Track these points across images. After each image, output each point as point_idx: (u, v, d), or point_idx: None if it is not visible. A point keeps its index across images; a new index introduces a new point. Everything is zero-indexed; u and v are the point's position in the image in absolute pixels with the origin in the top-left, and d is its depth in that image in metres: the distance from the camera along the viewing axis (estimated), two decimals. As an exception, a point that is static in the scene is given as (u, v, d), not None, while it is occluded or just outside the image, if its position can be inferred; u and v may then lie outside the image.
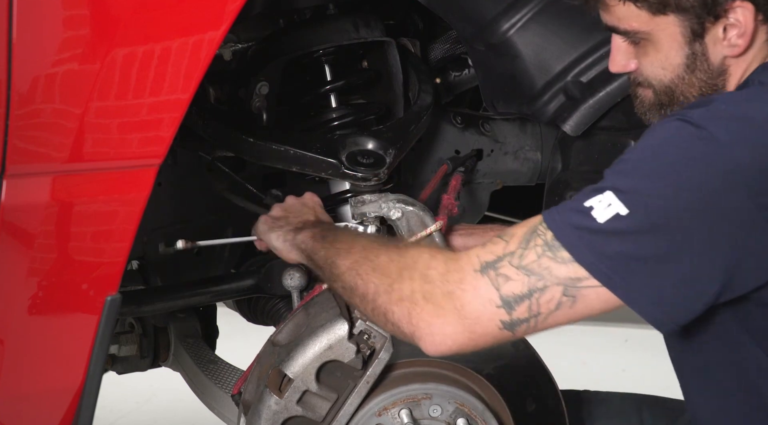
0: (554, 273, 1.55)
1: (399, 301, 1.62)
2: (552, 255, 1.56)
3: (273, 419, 1.78)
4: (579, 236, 1.55)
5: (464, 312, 1.58)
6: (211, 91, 2.20)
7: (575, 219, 1.56)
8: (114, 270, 1.68)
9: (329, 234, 1.83)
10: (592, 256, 1.54)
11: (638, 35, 1.72)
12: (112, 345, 2.47)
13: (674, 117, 1.60)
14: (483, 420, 1.82)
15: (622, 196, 1.54)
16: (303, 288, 2.14)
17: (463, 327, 1.58)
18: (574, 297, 1.56)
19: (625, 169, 1.59)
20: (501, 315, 1.57)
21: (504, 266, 1.58)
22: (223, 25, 1.64)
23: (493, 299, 1.57)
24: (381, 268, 1.66)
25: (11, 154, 1.56)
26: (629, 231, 1.53)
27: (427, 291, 1.60)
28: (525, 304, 1.56)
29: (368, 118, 2.26)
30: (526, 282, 1.56)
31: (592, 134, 2.31)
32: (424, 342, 1.60)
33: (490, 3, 2.13)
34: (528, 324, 1.58)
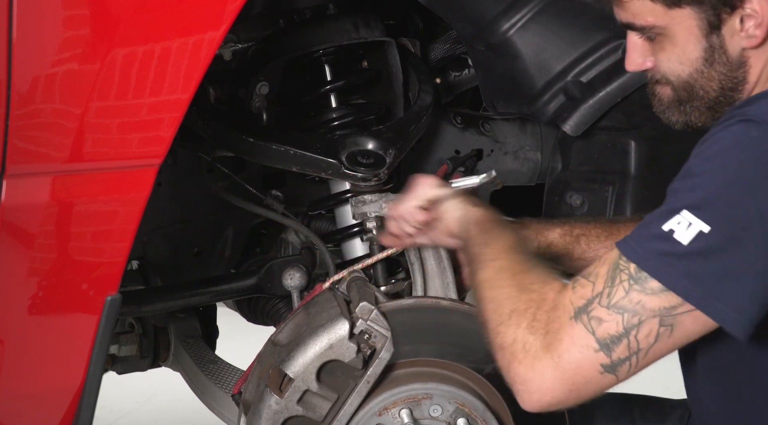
0: (647, 306, 1.53)
1: (501, 349, 1.60)
2: (640, 288, 1.53)
3: (273, 419, 1.78)
4: (666, 263, 1.52)
5: (562, 363, 1.55)
6: (211, 91, 2.21)
7: (658, 246, 1.53)
8: (114, 270, 1.68)
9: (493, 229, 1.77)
10: (686, 281, 1.51)
11: (654, 30, 1.69)
12: (112, 345, 2.47)
13: (734, 119, 1.57)
14: (483, 420, 1.82)
15: (700, 213, 1.51)
16: (303, 288, 2.14)
17: (562, 380, 1.55)
18: (671, 325, 1.53)
19: (696, 183, 1.55)
20: (600, 358, 1.54)
21: (595, 309, 1.55)
22: (223, 25, 1.64)
23: (589, 344, 1.54)
24: (497, 302, 1.64)
25: (11, 154, 1.56)
26: (715, 248, 1.50)
27: (528, 342, 1.57)
28: (623, 343, 1.54)
29: (368, 118, 2.26)
30: (621, 321, 1.53)
31: (592, 134, 2.31)
32: (521, 398, 1.58)
33: (490, 3, 2.13)
34: (630, 363, 1.55)
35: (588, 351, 1.54)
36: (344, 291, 1.93)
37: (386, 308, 1.82)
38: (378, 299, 1.86)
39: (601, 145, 2.35)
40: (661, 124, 1.78)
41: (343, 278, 1.97)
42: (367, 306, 1.78)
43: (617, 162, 2.34)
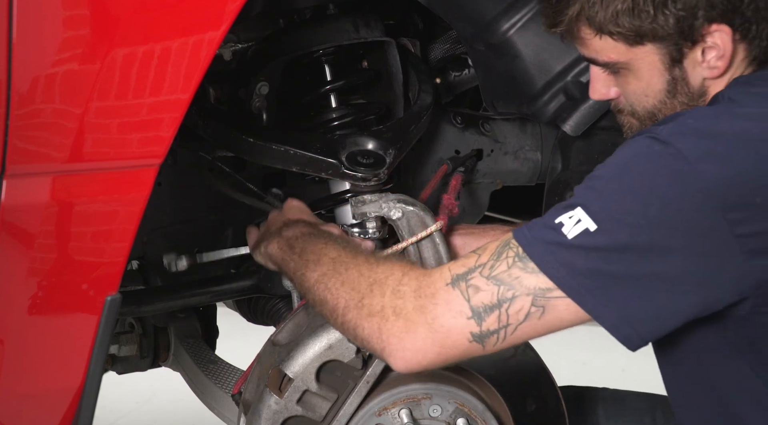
0: (524, 283, 1.57)
1: (369, 317, 1.62)
2: (522, 266, 1.57)
3: (273, 419, 1.78)
4: (549, 251, 1.56)
5: (435, 326, 1.58)
6: (211, 91, 2.20)
7: (546, 235, 1.58)
8: (114, 270, 1.68)
9: (297, 244, 1.82)
10: (562, 270, 1.55)
11: (617, 65, 1.73)
12: (112, 345, 2.47)
13: (643, 134, 1.61)
14: (483, 420, 1.82)
15: (591, 213, 1.55)
16: (303, 289, 2.14)
17: (433, 341, 1.59)
18: (543, 307, 1.57)
19: (595, 185, 1.60)
20: (471, 326, 1.58)
21: (475, 277, 1.59)
22: (223, 25, 1.63)
23: (463, 311, 1.58)
24: (351, 282, 1.67)
25: (11, 154, 1.55)
26: (598, 247, 1.54)
27: (398, 306, 1.60)
28: (494, 315, 1.57)
29: (368, 118, 2.26)
30: (496, 292, 1.57)
31: (592, 134, 2.31)
32: (395, 358, 1.61)
33: (490, 3, 2.13)
34: (497, 336, 1.58)
35: (461, 317, 1.58)
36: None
37: (386, 308, 1.82)
38: (378, 299, 1.86)
39: (601, 145, 2.35)
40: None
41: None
42: (367, 306, 1.78)
43: (617, 162, 2.34)
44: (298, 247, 1.82)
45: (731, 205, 1.52)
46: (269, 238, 1.91)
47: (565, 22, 1.75)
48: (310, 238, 1.83)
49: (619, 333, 1.56)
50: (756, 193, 1.53)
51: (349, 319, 1.66)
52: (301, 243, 1.82)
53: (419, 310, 1.59)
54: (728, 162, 1.54)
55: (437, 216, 2.05)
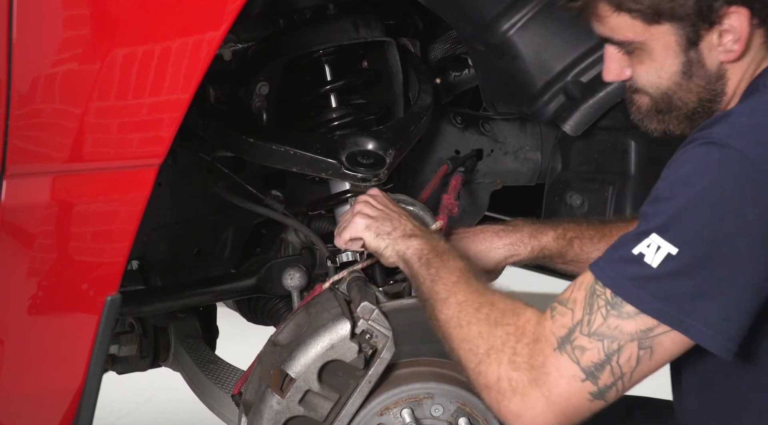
0: (624, 330, 1.55)
1: (486, 389, 1.61)
2: (617, 313, 1.55)
3: (275, 419, 1.78)
4: (639, 286, 1.54)
5: (552, 397, 1.57)
6: (211, 91, 2.20)
7: (630, 270, 1.55)
8: (114, 270, 1.68)
9: (434, 262, 1.78)
10: (658, 303, 1.53)
11: (633, 45, 1.71)
12: (112, 345, 2.47)
13: (696, 142, 1.58)
14: (484, 420, 1.82)
15: (667, 236, 1.53)
16: (303, 288, 2.14)
17: (555, 413, 1.57)
18: (650, 348, 1.55)
19: (663, 208, 1.56)
20: (588, 387, 1.57)
21: (577, 337, 1.57)
22: (223, 25, 1.63)
23: (576, 375, 1.56)
24: (470, 342, 1.65)
25: (11, 154, 1.55)
26: (685, 269, 1.52)
27: (513, 380, 1.59)
28: (607, 370, 1.56)
29: (368, 118, 2.26)
30: (602, 348, 1.56)
31: (592, 134, 2.31)
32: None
33: (490, 3, 2.13)
34: (616, 387, 1.57)
35: (575, 381, 1.57)
36: (344, 291, 1.93)
37: (387, 308, 1.82)
38: (379, 299, 1.86)
39: (601, 145, 2.35)
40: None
41: (343, 278, 1.97)
42: (369, 306, 1.78)
43: (617, 162, 2.35)
44: (434, 269, 1.77)
45: None
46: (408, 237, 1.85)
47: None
48: (445, 262, 1.78)
49: (719, 348, 1.54)
50: None
51: (471, 381, 1.65)
52: (437, 264, 1.78)
53: (534, 384, 1.58)
54: None
55: (437, 216, 2.05)
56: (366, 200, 1.94)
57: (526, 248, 2.08)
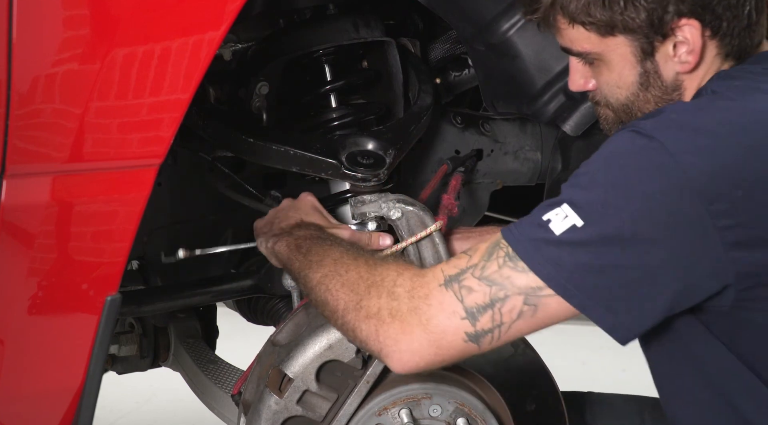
0: (515, 282, 1.59)
1: (366, 319, 1.64)
2: (513, 265, 1.59)
3: (273, 419, 1.78)
4: (536, 248, 1.58)
5: (430, 327, 1.60)
6: (211, 91, 2.20)
7: (533, 232, 1.59)
8: (114, 270, 1.68)
9: (304, 244, 1.84)
10: (549, 267, 1.57)
11: (590, 56, 1.76)
12: (112, 345, 2.47)
13: (627, 128, 1.63)
14: (483, 420, 1.82)
15: (577, 209, 1.57)
16: (303, 289, 2.14)
17: (429, 342, 1.61)
18: (535, 306, 1.59)
19: (580, 181, 1.61)
20: (466, 326, 1.60)
21: (467, 278, 1.61)
22: (223, 25, 1.63)
23: (457, 311, 1.60)
24: (350, 284, 1.69)
25: (11, 154, 1.55)
26: (585, 242, 1.56)
27: (393, 308, 1.62)
28: (488, 314, 1.59)
29: (368, 118, 2.26)
30: (489, 293, 1.59)
31: (592, 134, 2.31)
32: (392, 359, 1.63)
33: (490, 3, 2.13)
34: (492, 335, 1.60)
35: (455, 318, 1.60)
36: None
37: (386, 308, 1.82)
38: (378, 299, 1.86)
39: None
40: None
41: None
42: (367, 306, 1.78)
43: (617, 162, 2.34)
44: (305, 247, 1.83)
45: (714, 197, 1.54)
46: (280, 236, 1.92)
47: (540, 9, 1.78)
48: (317, 240, 1.85)
49: (608, 326, 1.58)
50: (738, 186, 1.55)
51: (348, 321, 1.67)
52: (308, 243, 1.84)
53: (413, 312, 1.61)
54: (711, 154, 1.56)
55: (437, 216, 2.05)
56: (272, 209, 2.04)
57: None
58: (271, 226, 1.98)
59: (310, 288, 1.76)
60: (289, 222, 1.96)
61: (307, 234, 1.88)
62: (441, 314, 1.60)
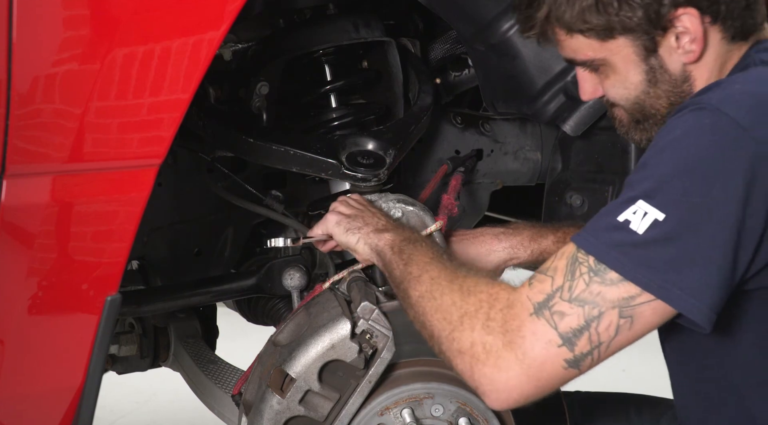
0: (606, 297, 1.53)
1: (460, 354, 1.59)
2: (600, 280, 1.53)
3: (275, 419, 1.78)
4: (623, 253, 1.52)
5: (527, 361, 1.54)
6: (211, 91, 2.20)
7: (614, 237, 1.53)
8: (114, 270, 1.68)
9: (406, 249, 1.78)
10: (643, 270, 1.51)
11: (595, 62, 1.74)
12: (112, 345, 2.47)
13: (687, 108, 1.58)
14: (485, 419, 1.82)
15: (654, 202, 1.51)
16: (303, 288, 2.14)
17: (528, 377, 1.55)
18: (630, 317, 1.53)
19: (651, 174, 1.55)
20: (564, 354, 1.54)
21: (557, 303, 1.55)
22: (223, 25, 1.64)
23: (553, 340, 1.54)
24: (443, 311, 1.63)
25: (11, 154, 1.55)
26: (671, 235, 1.50)
27: (488, 344, 1.56)
28: (585, 337, 1.53)
29: (368, 119, 2.26)
30: (582, 314, 1.53)
31: (592, 134, 2.31)
32: (489, 398, 1.57)
33: (490, 3, 2.13)
34: (592, 356, 1.55)
35: (551, 346, 1.54)
36: (344, 291, 1.93)
37: (387, 308, 1.82)
38: (379, 299, 1.86)
39: (601, 145, 2.35)
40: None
41: (343, 278, 1.97)
42: (369, 306, 1.78)
43: (617, 162, 2.34)
44: (406, 254, 1.78)
45: None
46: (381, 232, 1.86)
47: (537, 25, 1.76)
48: (418, 248, 1.79)
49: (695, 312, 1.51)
50: None
51: (443, 351, 1.63)
52: (410, 250, 1.78)
53: (508, 347, 1.55)
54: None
55: (437, 216, 2.05)
56: (343, 200, 1.97)
57: (525, 251, 2.08)
58: (363, 221, 1.91)
59: (409, 305, 1.71)
60: (383, 220, 1.90)
61: (408, 237, 1.83)
62: (536, 345, 1.54)
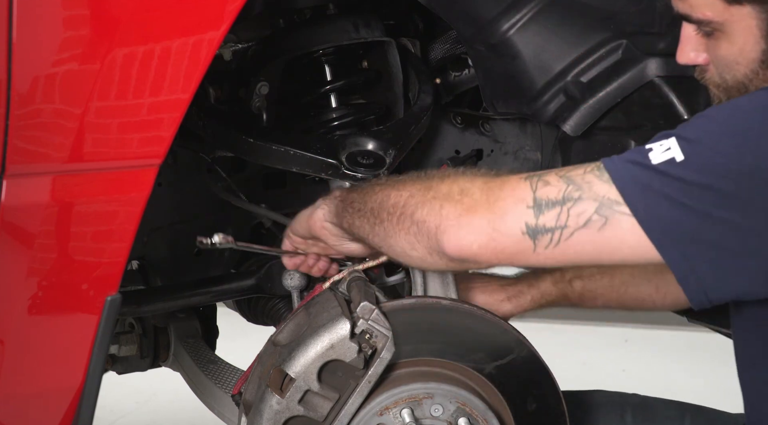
0: (594, 188, 1.50)
1: (433, 198, 1.57)
2: (598, 174, 1.52)
3: (275, 419, 1.78)
4: (627, 167, 1.50)
5: (495, 207, 1.53)
6: (211, 91, 2.20)
7: (630, 155, 1.52)
8: (114, 270, 1.68)
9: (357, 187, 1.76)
10: (635, 187, 1.48)
11: (711, 25, 1.63)
12: (112, 345, 2.47)
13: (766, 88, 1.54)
14: (484, 420, 1.82)
15: (683, 144, 1.48)
16: (303, 288, 2.14)
17: (488, 223, 1.53)
18: (606, 218, 1.49)
19: (699, 121, 1.52)
20: (528, 216, 1.52)
21: (549, 175, 1.54)
22: (223, 25, 1.64)
23: (526, 199, 1.53)
24: (424, 179, 1.62)
25: (11, 154, 1.56)
26: (681, 178, 1.46)
27: (466, 189, 1.55)
28: (555, 211, 1.51)
29: (368, 119, 2.26)
30: (563, 190, 1.51)
31: (592, 134, 2.31)
32: (447, 234, 1.54)
33: (490, 3, 2.13)
34: (551, 237, 1.51)
35: (521, 204, 1.53)
36: (344, 291, 1.93)
37: (387, 308, 1.82)
38: (379, 299, 1.86)
39: (601, 145, 2.34)
40: (661, 124, 1.78)
41: (343, 278, 1.97)
42: (368, 306, 1.78)
43: (617, 162, 2.34)
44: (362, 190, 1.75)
45: None
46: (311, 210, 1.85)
47: None
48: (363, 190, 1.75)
49: (681, 273, 1.48)
50: None
51: (410, 204, 1.59)
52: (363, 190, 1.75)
53: (485, 192, 1.54)
54: None
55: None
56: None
57: (526, 298, 2.07)
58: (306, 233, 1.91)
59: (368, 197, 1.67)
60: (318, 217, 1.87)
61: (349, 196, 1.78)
62: (510, 197, 1.53)
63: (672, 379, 2.07)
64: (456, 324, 1.86)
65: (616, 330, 4.96)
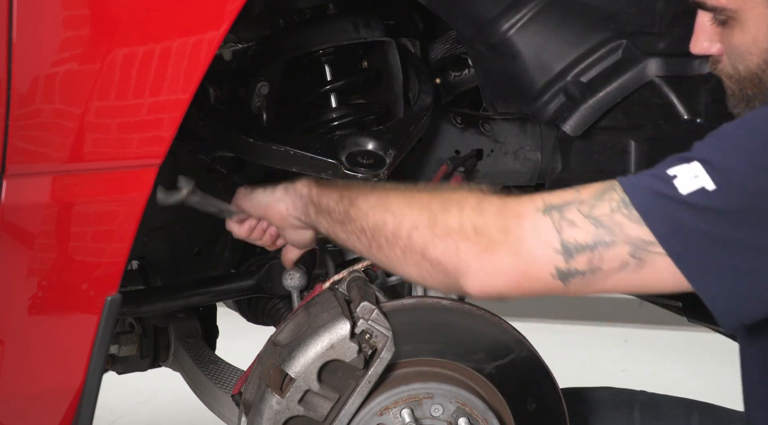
0: (626, 230, 1.42)
1: (445, 235, 1.46)
2: (627, 213, 1.43)
3: (275, 418, 1.78)
4: (656, 202, 1.42)
5: (520, 250, 1.43)
6: (211, 91, 2.20)
7: (654, 184, 1.43)
8: (114, 270, 1.68)
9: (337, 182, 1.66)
10: (667, 226, 1.41)
11: (726, 13, 1.61)
12: (112, 345, 2.47)
13: None
14: (484, 420, 1.82)
15: (710, 170, 1.41)
16: (303, 288, 2.14)
17: (516, 267, 1.43)
18: (641, 260, 1.42)
19: (720, 143, 1.45)
20: (558, 261, 1.43)
21: (571, 212, 1.44)
22: (223, 25, 1.64)
23: (551, 242, 1.43)
24: (419, 203, 1.51)
25: (11, 154, 1.56)
26: (714, 210, 1.40)
27: (479, 224, 1.45)
28: (586, 256, 1.43)
29: (368, 118, 2.26)
30: (593, 233, 1.43)
31: (592, 134, 2.31)
32: (468, 278, 1.46)
33: (490, 3, 2.13)
34: (584, 279, 1.44)
35: (548, 247, 1.44)
36: (344, 291, 1.93)
37: (387, 308, 1.82)
38: (379, 299, 1.86)
39: (601, 145, 2.34)
40: (661, 124, 1.77)
41: (343, 278, 1.97)
42: (368, 306, 1.78)
43: (617, 162, 2.34)
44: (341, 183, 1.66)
45: None
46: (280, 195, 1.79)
47: None
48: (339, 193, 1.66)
49: (716, 306, 1.42)
50: None
51: (416, 241, 1.48)
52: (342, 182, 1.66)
53: (503, 230, 1.43)
54: None
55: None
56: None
57: None
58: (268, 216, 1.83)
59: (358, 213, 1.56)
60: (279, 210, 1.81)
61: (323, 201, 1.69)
62: (533, 240, 1.42)
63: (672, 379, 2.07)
64: (456, 324, 1.86)
65: (616, 330, 4.97)
